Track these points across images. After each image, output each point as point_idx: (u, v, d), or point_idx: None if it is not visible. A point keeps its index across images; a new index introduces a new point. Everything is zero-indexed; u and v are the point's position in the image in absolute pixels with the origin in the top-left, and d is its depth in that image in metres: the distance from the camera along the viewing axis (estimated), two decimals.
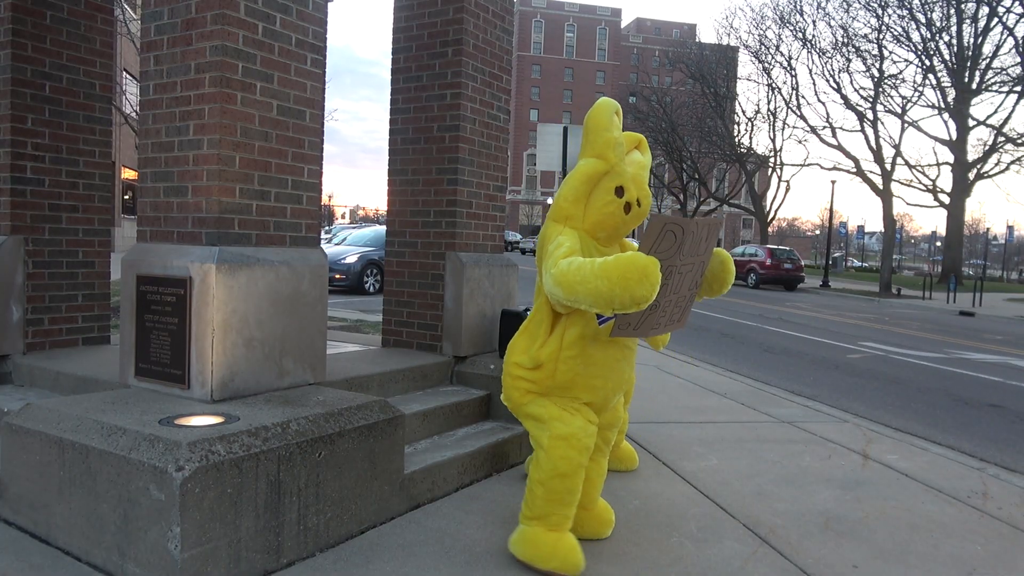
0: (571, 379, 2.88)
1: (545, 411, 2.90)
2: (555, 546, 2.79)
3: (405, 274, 4.74)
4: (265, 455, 2.63)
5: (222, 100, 3.07)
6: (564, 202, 2.93)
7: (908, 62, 33.33)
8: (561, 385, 2.90)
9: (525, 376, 2.94)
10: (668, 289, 2.73)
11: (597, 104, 2.95)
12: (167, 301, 3.12)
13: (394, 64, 4.75)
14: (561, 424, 2.85)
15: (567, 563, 2.77)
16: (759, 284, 26.75)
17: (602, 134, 2.89)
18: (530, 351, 2.93)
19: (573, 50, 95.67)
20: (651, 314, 2.75)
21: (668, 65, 53.65)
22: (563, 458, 2.82)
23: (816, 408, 6.23)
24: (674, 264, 2.70)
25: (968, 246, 62.40)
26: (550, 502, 2.82)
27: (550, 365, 2.88)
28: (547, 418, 2.89)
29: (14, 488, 2.93)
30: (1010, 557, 3.24)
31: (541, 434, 2.90)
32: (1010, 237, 68.85)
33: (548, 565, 2.77)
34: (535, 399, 2.93)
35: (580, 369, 2.87)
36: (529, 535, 2.84)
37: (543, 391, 2.92)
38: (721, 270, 3.10)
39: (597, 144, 2.90)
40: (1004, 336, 14.48)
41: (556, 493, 2.82)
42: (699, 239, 2.76)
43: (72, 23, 4.29)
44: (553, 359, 2.88)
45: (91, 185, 4.46)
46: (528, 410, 2.96)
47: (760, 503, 3.72)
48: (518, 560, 2.83)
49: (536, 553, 2.79)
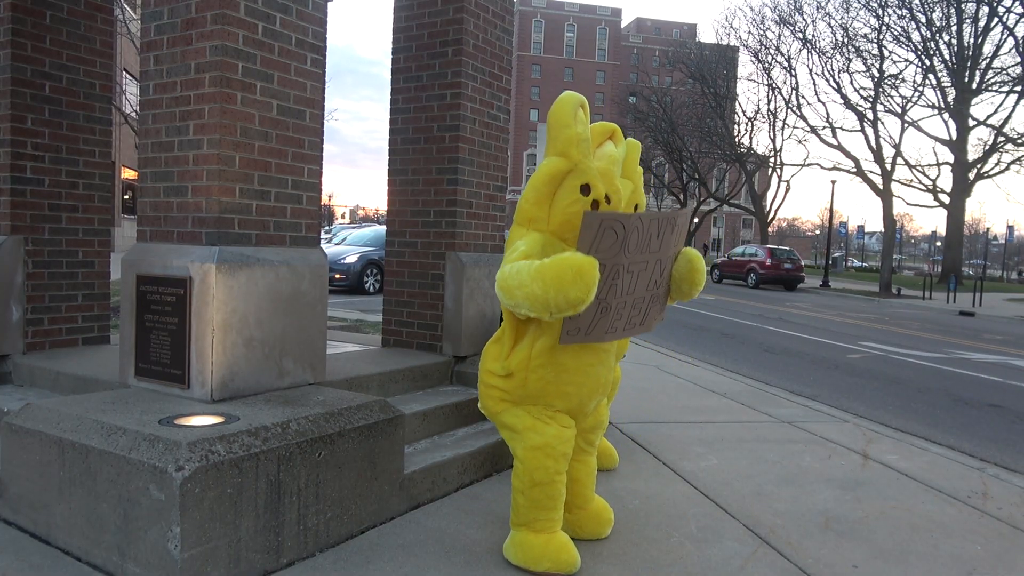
0: (542, 388, 2.80)
1: (519, 421, 2.85)
2: (546, 547, 2.79)
3: (405, 274, 4.74)
4: (265, 455, 2.63)
5: (222, 100, 3.07)
6: (526, 204, 2.84)
7: (908, 62, 33.32)
8: (533, 394, 2.82)
9: (498, 384, 2.87)
10: (619, 290, 2.62)
11: (559, 99, 2.79)
12: (167, 301, 3.12)
13: (394, 64, 4.75)
14: (535, 434, 2.81)
15: (559, 562, 2.77)
16: (759, 284, 26.75)
17: (563, 131, 2.75)
18: (500, 359, 2.87)
19: (573, 50, 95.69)
20: (602, 317, 2.64)
21: (668, 65, 53.67)
22: (539, 468, 2.79)
23: (816, 408, 6.22)
24: (620, 263, 2.58)
25: (968, 246, 62.42)
26: (532, 509, 2.82)
27: (520, 374, 2.81)
28: (521, 428, 2.84)
29: (14, 488, 2.93)
30: (1010, 557, 3.23)
31: (516, 445, 2.87)
32: (1010, 237, 68.85)
33: (541, 566, 2.77)
34: (508, 408, 2.87)
35: (551, 377, 2.79)
36: (519, 540, 2.84)
37: (516, 400, 2.86)
38: (688, 270, 2.93)
39: (559, 141, 2.77)
40: (1004, 336, 14.48)
41: (537, 501, 2.81)
42: (648, 235, 2.63)
43: (72, 23, 4.29)
44: (523, 368, 2.80)
45: (91, 185, 4.46)
46: (502, 419, 2.91)
47: (760, 503, 3.72)
48: (513, 565, 2.84)
49: (527, 556, 2.79)
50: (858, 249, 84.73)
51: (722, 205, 52.79)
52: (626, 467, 4.18)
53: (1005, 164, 31.49)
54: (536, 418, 2.84)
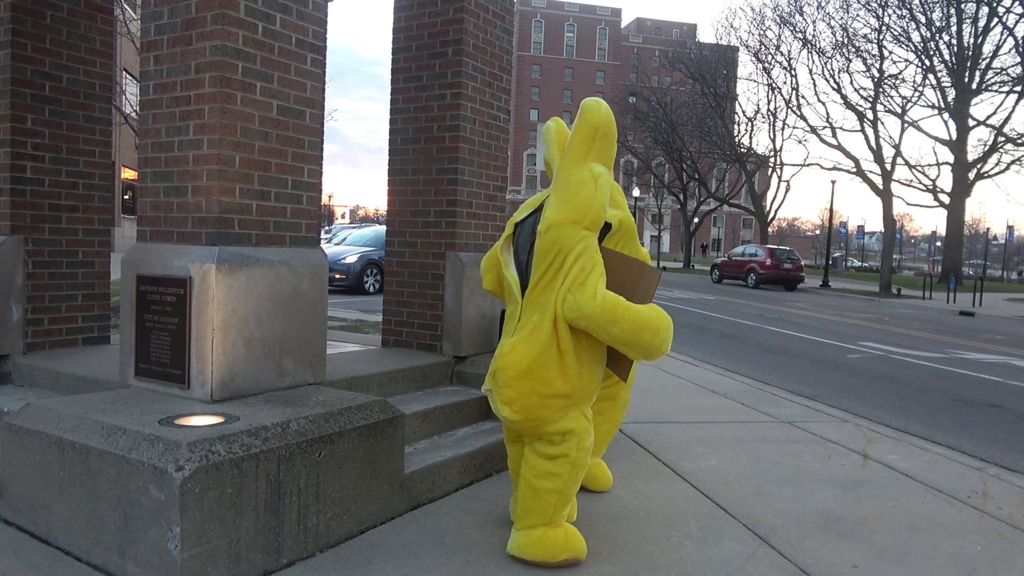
0: (596, 384, 2.90)
1: (577, 424, 2.81)
2: (565, 540, 2.85)
3: (405, 274, 4.74)
4: (265, 455, 2.63)
5: (222, 100, 3.07)
6: (600, 209, 2.70)
7: (908, 62, 33.31)
8: (591, 392, 2.88)
9: (560, 392, 2.74)
10: None
11: (607, 108, 2.74)
12: (167, 301, 3.12)
13: (394, 64, 4.75)
14: (589, 436, 2.86)
15: (576, 549, 2.87)
16: (759, 284, 26.75)
17: (615, 145, 2.80)
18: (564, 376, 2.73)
19: (573, 50, 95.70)
20: None
21: (668, 65, 53.65)
22: (584, 467, 2.87)
23: (816, 408, 6.23)
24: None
25: (968, 246, 62.43)
26: (561, 507, 2.85)
27: (583, 377, 2.80)
28: (580, 431, 2.81)
29: (14, 488, 2.93)
30: (1010, 557, 3.23)
31: (570, 447, 2.79)
32: (1010, 237, 68.82)
33: (560, 557, 2.82)
34: (566, 413, 2.79)
35: (599, 372, 2.90)
36: (536, 537, 2.84)
37: (577, 402, 2.81)
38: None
39: (610, 153, 2.78)
40: (1004, 336, 14.48)
41: (567, 497, 2.86)
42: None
43: (72, 23, 4.29)
44: (584, 369, 2.80)
45: (91, 185, 4.46)
46: (560, 426, 2.78)
47: (760, 503, 3.72)
48: (528, 562, 2.83)
49: (547, 551, 2.82)
50: (858, 249, 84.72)
51: (722, 205, 52.72)
52: (626, 467, 4.18)
53: (1005, 164, 31.46)
54: (588, 419, 2.89)
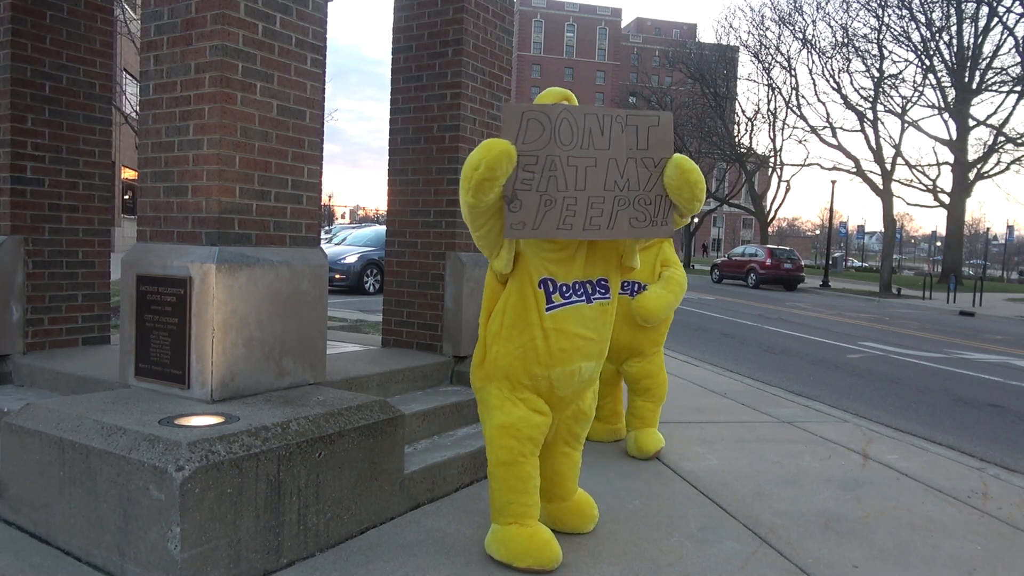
0: (509, 363, 2.78)
1: (491, 398, 2.85)
2: (529, 543, 2.76)
3: (405, 274, 4.74)
4: (265, 455, 2.63)
5: (222, 100, 3.07)
6: None
7: (908, 62, 33.33)
8: (502, 368, 2.80)
9: (478, 358, 2.92)
10: (560, 183, 2.61)
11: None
12: (167, 301, 3.12)
13: (394, 64, 4.75)
14: (501, 413, 2.80)
15: (542, 559, 2.75)
16: (759, 284, 26.74)
17: None
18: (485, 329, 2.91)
19: (573, 50, 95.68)
20: (548, 211, 2.61)
21: (668, 65, 53.62)
22: (502, 447, 2.79)
23: (816, 408, 6.22)
24: (555, 154, 2.60)
25: (968, 246, 62.38)
26: (504, 491, 2.80)
27: (493, 347, 2.82)
28: (492, 406, 2.84)
29: (14, 488, 2.93)
30: (1010, 557, 3.23)
31: (485, 422, 2.89)
32: (1010, 237, 68.85)
33: (524, 563, 2.74)
34: (485, 385, 2.89)
35: (519, 353, 2.76)
36: (501, 535, 2.81)
37: (489, 374, 2.86)
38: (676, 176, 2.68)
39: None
40: (1004, 336, 14.48)
41: (506, 481, 2.79)
42: (586, 129, 2.62)
43: (72, 23, 4.29)
44: (495, 340, 2.81)
45: (91, 185, 4.46)
46: (480, 395, 2.93)
47: (760, 503, 3.72)
48: (496, 561, 2.80)
49: (511, 552, 2.77)
50: (858, 249, 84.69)
51: (722, 205, 52.75)
52: (626, 467, 4.18)
53: (1005, 164, 31.47)
54: (504, 398, 2.82)
